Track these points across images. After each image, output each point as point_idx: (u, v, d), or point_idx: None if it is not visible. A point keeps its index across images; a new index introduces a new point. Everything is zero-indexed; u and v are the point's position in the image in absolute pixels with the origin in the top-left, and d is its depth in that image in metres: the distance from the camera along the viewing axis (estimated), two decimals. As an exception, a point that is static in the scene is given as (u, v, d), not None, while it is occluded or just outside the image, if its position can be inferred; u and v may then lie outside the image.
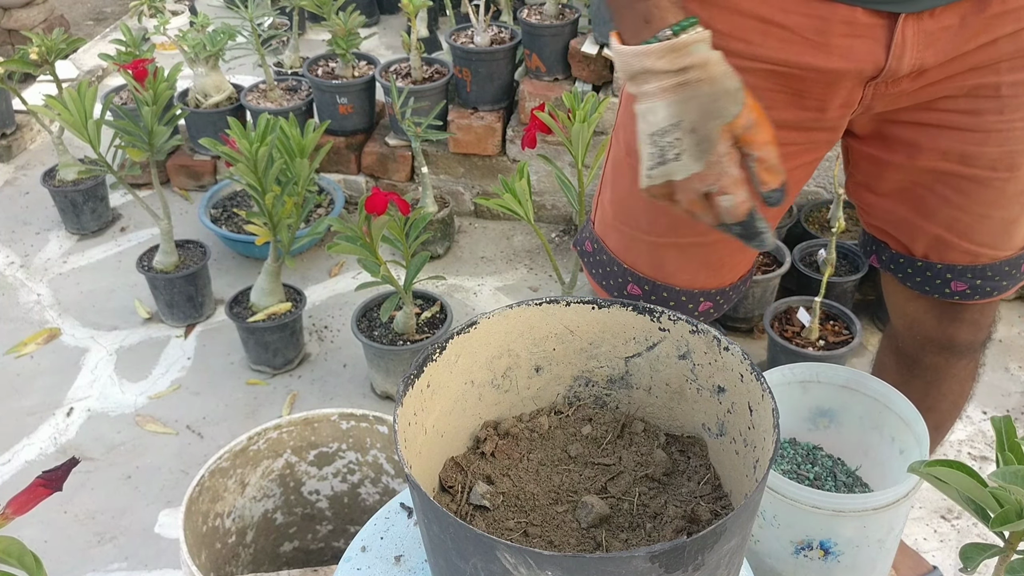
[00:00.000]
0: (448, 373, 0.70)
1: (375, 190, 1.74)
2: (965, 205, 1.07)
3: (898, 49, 0.92)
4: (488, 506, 0.68)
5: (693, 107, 0.82)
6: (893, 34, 0.91)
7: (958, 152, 1.03)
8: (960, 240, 1.11)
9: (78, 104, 1.98)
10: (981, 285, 1.13)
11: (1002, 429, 0.68)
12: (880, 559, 0.99)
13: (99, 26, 4.15)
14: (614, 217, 1.15)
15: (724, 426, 0.71)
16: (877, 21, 0.91)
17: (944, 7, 0.91)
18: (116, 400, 2.08)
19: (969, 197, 1.07)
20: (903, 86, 0.97)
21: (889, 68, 0.93)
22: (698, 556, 0.55)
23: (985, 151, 1.03)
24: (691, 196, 0.85)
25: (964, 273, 1.13)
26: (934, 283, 1.15)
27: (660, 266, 1.11)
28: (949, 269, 1.13)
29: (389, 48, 3.52)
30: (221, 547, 1.29)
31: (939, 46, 0.93)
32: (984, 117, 1.00)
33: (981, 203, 1.07)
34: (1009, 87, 0.98)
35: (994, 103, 0.99)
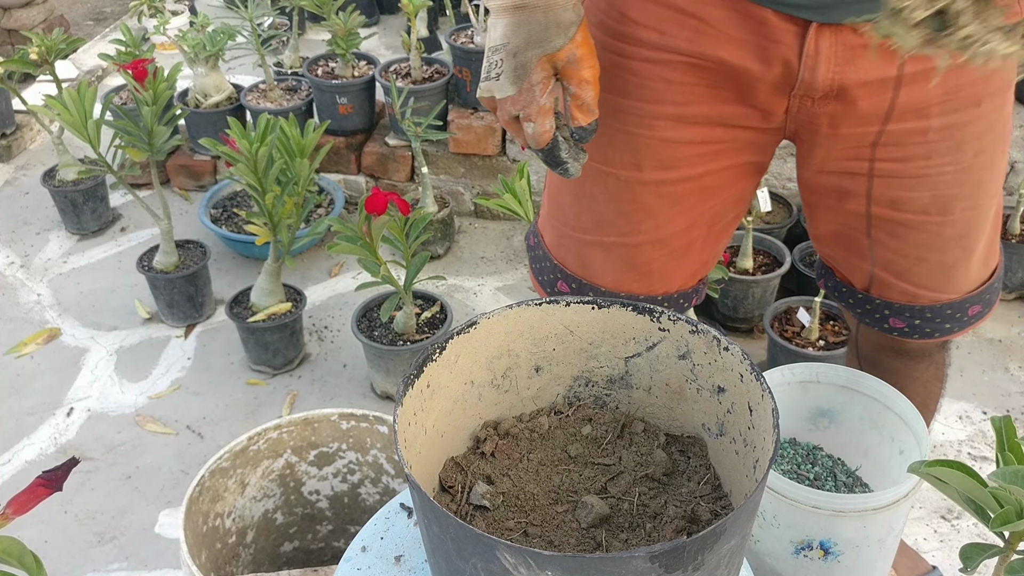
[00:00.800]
0: (448, 373, 0.70)
1: (375, 190, 1.74)
2: (899, 248, 1.05)
3: (810, 60, 0.90)
4: (488, 506, 0.68)
5: (522, 32, 0.86)
6: (804, 42, 0.89)
7: (888, 197, 1.01)
8: (897, 280, 1.09)
9: (78, 104, 1.98)
10: (920, 326, 1.11)
11: (1002, 429, 0.68)
12: (880, 559, 0.99)
13: (99, 26, 4.15)
14: (548, 212, 1.14)
15: (724, 426, 0.71)
16: (788, 27, 0.89)
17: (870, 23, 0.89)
18: (116, 400, 2.08)
19: (903, 240, 1.05)
20: (830, 107, 0.94)
21: (802, 78, 0.91)
22: (698, 556, 0.55)
23: (915, 196, 1.01)
24: (505, 117, 0.89)
25: (902, 312, 1.11)
26: (874, 316, 1.13)
27: (586, 264, 1.10)
28: (887, 306, 1.11)
29: (389, 48, 3.51)
30: (221, 547, 1.29)
31: (862, 65, 0.90)
32: (912, 163, 0.98)
33: (916, 246, 1.05)
34: (937, 132, 0.96)
35: (922, 148, 0.97)
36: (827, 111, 0.95)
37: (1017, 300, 2.32)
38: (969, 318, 1.12)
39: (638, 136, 1.00)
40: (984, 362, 2.13)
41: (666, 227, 1.05)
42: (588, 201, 1.07)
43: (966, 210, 1.03)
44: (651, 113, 0.99)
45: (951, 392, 2.05)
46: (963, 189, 1.01)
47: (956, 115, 0.96)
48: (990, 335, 2.22)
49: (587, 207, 1.06)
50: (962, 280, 1.09)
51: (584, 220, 1.08)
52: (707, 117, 0.98)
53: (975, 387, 2.06)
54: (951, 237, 1.05)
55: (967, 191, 1.01)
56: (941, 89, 0.94)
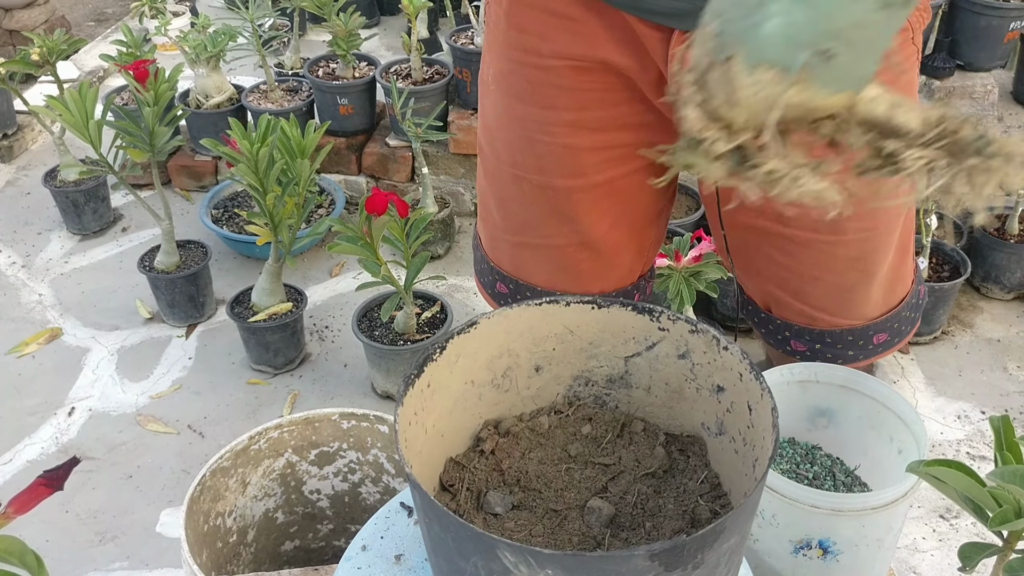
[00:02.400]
0: (448, 373, 0.71)
1: (375, 190, 1.74)
2: (791, 265, 1.03)
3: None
4: (501, 512, 0.69)
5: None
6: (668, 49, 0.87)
7: (773, 211, 0.99)
8: (793, 300, 1.07)
9: (79, 105, 1.98)
10: (821, 350, 1.09)
11: (1000, 429, 0.69)
12: (879, 558, 0.99)
13: (100, 27, 4.15)
14: (480, 217, 1.14)
15: (723, 425, 0.71)
16: (653, 33, 0.87)
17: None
18: (117, 400, 2.09)
19: (794, 257, 1.03)
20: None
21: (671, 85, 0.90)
22: (697, 555, 0.55)
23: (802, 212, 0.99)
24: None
25: (802, 335, 1.09)
26: (776, 338, 1.11)
27: (519, 265, 1.09)
28: (788, 327, 1.09)
29: (389, 49, 3.52)
30: (222, 546, 1.29)
31: None
32: None
33: (807, 264, 1.03)
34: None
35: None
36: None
37: (1016, 300, 2.32)
38: (874, 347, 1.09)
39: (539, 142, 0.98)
40: (983, 362, 2.14)
41: (587, 231, 1.03)
42: (511, 204, 1.06)
43: (860, 231, 1.00)
44: (549, 119, 0.97)
45: (950, 392, 2.05)
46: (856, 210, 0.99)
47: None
48: (989, 335, 2.22)
49: (511, 210, 1.06)
50: (862, 305, 1.07)
51: (511, 223, 1.07)
52: (605, 121, 0.95)
53: (973, 387, 2.06)
54: (845, 258, 1.02)
55: (859, 213, 0.97)
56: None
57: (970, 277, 2.29)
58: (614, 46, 0.89)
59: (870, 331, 1.08)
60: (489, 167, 1.07)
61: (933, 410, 2.00)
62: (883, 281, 1.06)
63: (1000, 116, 2.30)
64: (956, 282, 2.13)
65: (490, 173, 1.08)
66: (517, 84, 0.97)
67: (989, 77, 2.30)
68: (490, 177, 1.08)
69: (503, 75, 0.96)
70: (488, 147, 1.06)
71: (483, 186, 1.10)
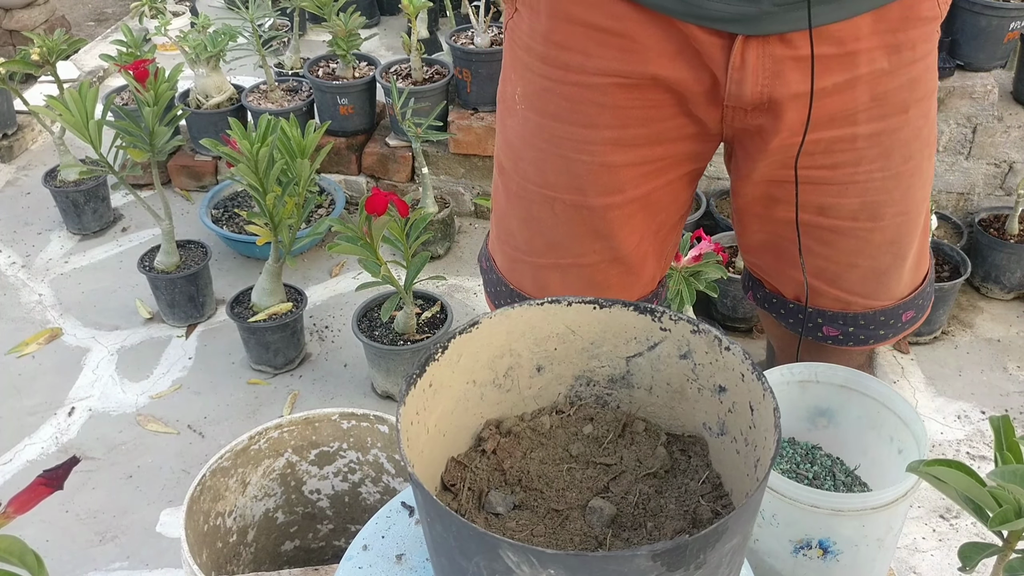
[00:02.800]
0: (450, 372, 0.71)
1: (375, 190, 1.74)
2: (830, 255, 1.04)
3: (736, 73, 0.87)
4: (503, 512, 0.69)
5: None
6: (730, 55, 0.87)
7: (816, 204, 1.00)
8: (829, 288, 1.07)
9: (79, 105, 1.98)
10: (854, 333, 1.10)
11: (1000, 429, 0.69)
12: (879, 558, 0.99)
13: (100, 27, 4.15)
14: (496, 237, 1.11)
15: (725, 425, 0.71)
16: (714, 40, 0.86)
17: (800, 34, 0.85)
18: (117, 400, 2.09)
19: (832, 247, 1.04)
20: (760, 119, 0.92)
21: (729, 91, 0.89)
22: (700, 555, 0.55)
23: (843, 202, 0.99)
24: None
25: (835, 319, 1.10)
26: (807, 326, 1.12)
27: (544, 287, 1.07)
28: (820, 314, 1.10)
29: (389, 49, 3.52)
30: (222, 546, 1.29)
31: (792, 77, 0.88)
32: (841, 170, 0.97)
33: (846, 252, 1.04)
34: (865, 139, 0.95)
35: (850, 155, 0.96)
36: (757, 123, 0.93)
37: (1016, 300, 2.32)
38: (903, 324, 1.11)
39: (577, 161, 0.97)
40: (983, 362, 2.14)
41: (620, 247, 1.03)
42: (538, 225, 1.04)
43: (896, 216, 1.02)
44: (588, 138, 0.95)
45: (950, 392, 2.05)
46: (892, 195, 1.00)
47: (884, 122, 0.94)
48: (989, 335, 2.22)
49: (537, 231, 1.04)
50: (895, 286, 1.08)
51: (536, 244, 1.05)
52: (646, 137, 0.95)
53: (973, 387, 2.07)
54: (882, 243, 1.03)
55: (896, 197, 1.00)
56: (868, 95, 0.92)
57: (970, 277, 2.29)
58: (666, 59, 0.88)
59: (900, 309, 1.10)
60: (513, 188, 1.04)
61: (933, 410, 2.00)
62: (912, 261, 1.08)
63: (1000, 116, 2.30)
64: (956, 282, 2.13)
65: (513, 195, 1.05)
66: (553, 103, 0.95)
67: (989, 77, 2.30)
68: (514, 199, 1.05)
69: (535, 94, 0.94)
70: (512, 168, 1.03)
71: (503, 208, 1.07)
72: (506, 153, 1.04)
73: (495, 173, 1.08)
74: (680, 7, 0.84)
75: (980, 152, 2.35)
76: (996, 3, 2.23)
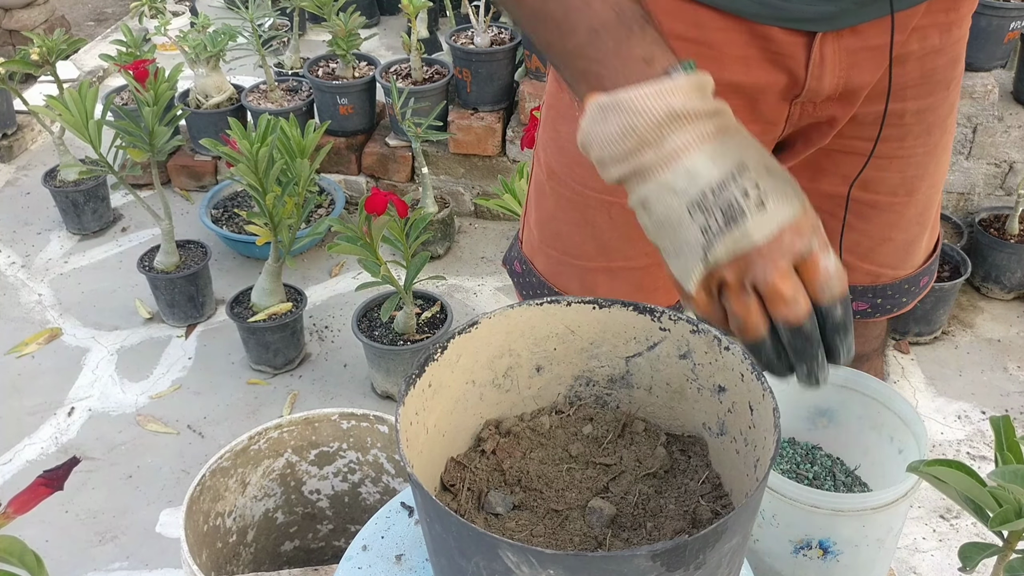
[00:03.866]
0: (450, 373, 0.71)
1: (375, 190, 1.74)
2: (867, 229, 1.06)
3: (816, 69, 0.89)
4: (502, 512, 0.69)
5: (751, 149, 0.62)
6: (811, 53, 0.88)
7: (861, 178, 1.01)
8: (862, 263, 1.09)
9: (79, 104, 1.98)
10: (881, 304, 1.13)
11: (1000, 429, 0.68)
12: (879, 558, 0.99)
13: (100, 27, 4.15)
14: (541, 240, 1.11)
15: (725, 425, 0.71)
16: (794, 39, 0.88)
17: (869, 24, 0.87)
18: (117, 400, 2.09)
19: (870, 222, 1.06)
20: (832, 109, 0.94)
21: (809, 87, 0.91)
22: (699, 555, 0.55)
23: (886, 176, 1.02)
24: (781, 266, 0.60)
25: (865, 293, 1.12)
26: None
27: (591, 291, 1.07)
28: (851, 290, 1.11)
29: (389, 49, 3.52)
30: (222, 546, 1.29)
31: (865, 67, 0.91)
32: (887, 144, 0.98)
33: (882, 226, 1.06)
34: (913, 115, 0.97)
35: (897, 131, 0.98)
36: (828, 113, 0.95)
37: (1016, 300, 2.32)
38: (920, 288, 1.15)
39: None
40: (983, 362, 2.14)
41: None
42: (591, 229, 1.04)
43: (928, 189, 1.05)
44: None
45: (950, 392, 2.05)
46: (928, 170, 1.03)
47: (930, 98, 0.97)
48: (989, 335, 2.22)
49: (590, 235, 1.04)
50: (917, 254, 1.12)
51: (587, 248, 1.05)
52: None
53: (974, 387, 2.06)
54: (914, 216, 1.07)
55: (931, 171, 1.04)
56: (918, 72, 0.94)
57: (970, 277, 2.29)
58: (743, 64, 0.89)
59: (920, 276, 1.13)
60: (565, 193, 1.04)
61: (933, 410, 2.00)
62: (931, 229, 1.12)
63: (1000, 116, 2.30)
64: (956, 282, 2.13)
65: (565, 199, 1.05)
66: None
67: (989, 77, 2.30)
68: (565, 203, 1.05)
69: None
70: (567, 173, 1.03)
71: (550, 213, 1.07)
72: (559, 159, 1.04)
73: (541, 178, 1.08)
74: (763, 10, 0.86)
75: (980, 152, 2.35)
76: (996, 3, 2.23)
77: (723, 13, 0.88)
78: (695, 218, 0.60)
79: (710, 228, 0.60)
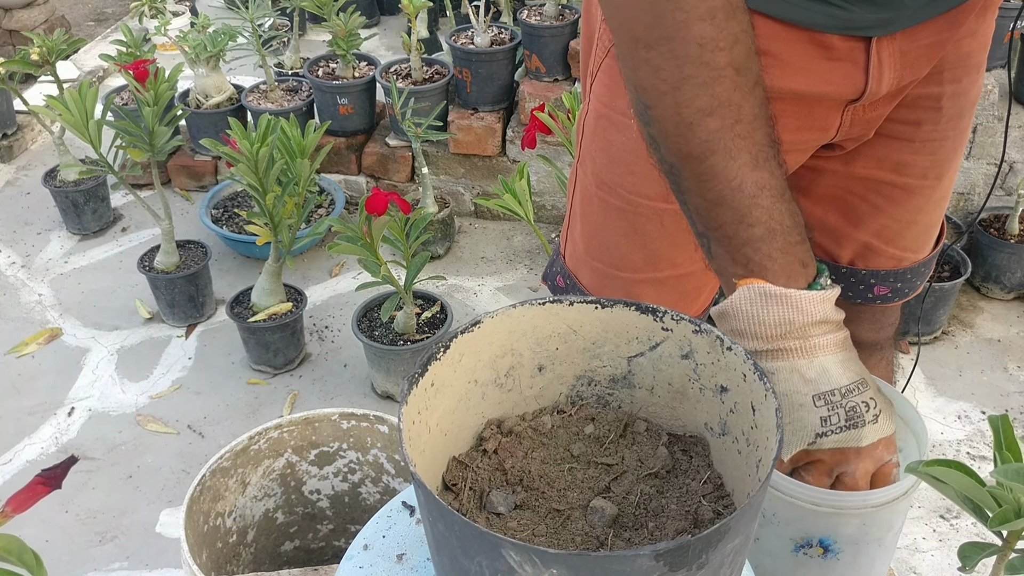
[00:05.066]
0: (452, 372, 0.71)
1: (375, 190, 1.74)
2: (895, 213, 1.07)
3: (876, 71, 0.90)
4: (504, 512, 0.69)
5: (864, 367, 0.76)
6: (869, 57, 0.89)
7: (893, 160, 1.03)
8: (887, 247, 1.10)
9: (79, 104, 1.98)
10: (901, 288, 1.14)
11: (1000, 428, 0.69)
12: (880, 557, 0.99)
13: (100, 27, 4.15)
14: (586, 253, 1.10)
15: (727, 426, 0.71)
16: (853, 45, 0.89)
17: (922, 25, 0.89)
18: (117, 400, 2.09)
19: (900, 205, 1.06)
20: (882, 108, 0.96)
21: (870, 90, 0.91)
22: (702, 555, 0.55)
23: (918, 160, 1.02)
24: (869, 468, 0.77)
25: (887, 278, 1.13)
26: (858, 288, 1.14)
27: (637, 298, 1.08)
28: (873, 275, 1.13)
29: (389, 49, 3.52)
30: (222, 546, 1.29)
31: (918, 65, 0.92)
32: (922, 128, 1.00)
33: (910, 210, 1.07)
34: (949, 98, 0.98)
35: (933, 114, 0.99)
36: (878, 112, 0.96)
37: (1016, 300, 2.33)
38: (929, 270, 1.16)
39: None
40: (983, 362, 2.14)
41: None
42: (640, 239, 1.04)
43: (953, 172, 1.07)
44: None
45: (950, 392, 2.05)
46: (955, 154, 1.04)
47: (963, 82, 0.98)
48: (989, 335, 2.22)
49: (639, 245, 1.04)
50: (934, 237, 1.14)
51: (635, 258, 1.05)
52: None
53: (974, 387, 2.07)
54: (938, 199, 1.08)
55: (957, 155, 1.05)
56: (955, 55, 0.95)
57: (970, 277, 2.30)
58: (804, 73, 0.90)
59: (932, 259, 1.15)
60: (615, 203, 1.04)
61: (933, 410, 2.00)
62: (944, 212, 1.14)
63: (1000, 116, 2.30)
64: (956, 282, 2.13)
65: (615, 209, 1.05)
66: None
67: (989, 77, 2.30)
68: (614, 213, 1.05)
69: None
70: (618, 183, 1.03)
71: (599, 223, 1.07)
72: (611, 169, 1.04)
73: (589, 189, 1.07)
74: (828, 20, 0.86)
75: (980, 152, 2.35)
76: (996, 3, 2.23)
77: (785, 23, 0.88)
78: (818, 407, 0.72)
79: (830, 421, 0.72)
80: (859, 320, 1.19)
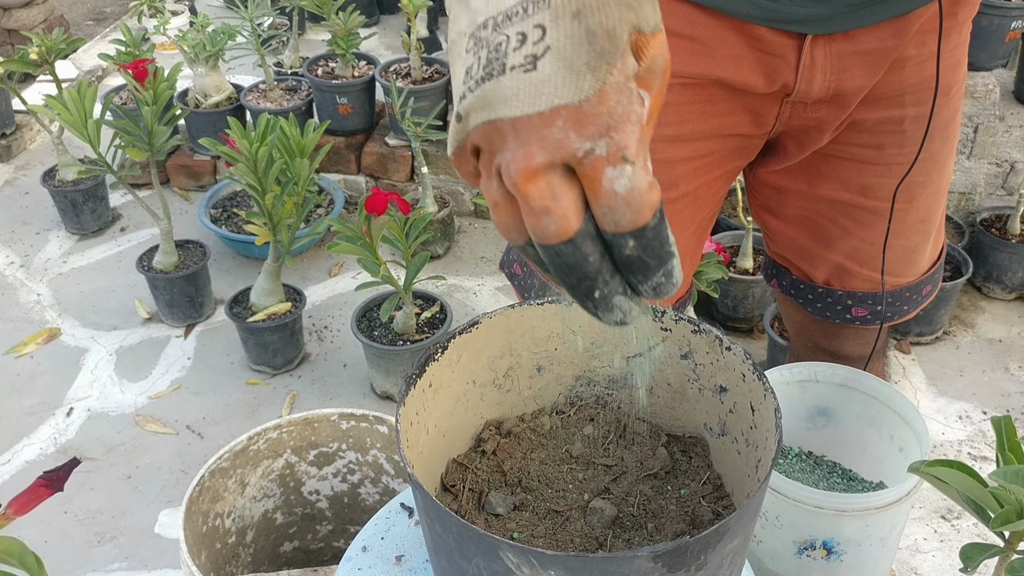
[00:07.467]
0: (450, 373, 0.70)
1: (375, 190, 1.74)
2: (866, 235, 1.06)
3: (806, 71, 0.90)
4: (503, 513, 0.68)
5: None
6: (801, 54, 0.89)
7: (858, 183, 1.02)
8: (862, 268, 1.10)
9: (78, 104, 1.98)
10: (881, 311, 1.13)
11: (1002, 429, 0.68)
12: (882, 558, 0.99)
13: (99, 26, 4.15)
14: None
15: (726, 426, 0.71)
16: (784, 40, 0.88)
17: (863, 29, 0.88)
18: (116, 400, 2.08)
19: (869, 228, 1.05)
20: (822, 112, 0.95)
21: (799, 89, 0.91)
22: (700, 556, 0.55)
23: (884, 182, 1.02)
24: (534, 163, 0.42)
25: (865, 300, 1.12)
26: (835, 309, 1.14)
27: None
28: (850, 296, 1.12)
29: (389, 48, 3.52)
30: (221, 547, 1.29)
31: (857, 71, 0.91)
32: (886, 151, 0.99)
33: (881, 233, 1.06)
34: (912, 121, 0.97)
35: (896, 137, 0.98)
36: (818, 115, 0.95)
37: (1017, 300, 2.32)
38: (923, 297, 1.15)
39: None
40: (984, 362, 2.13)
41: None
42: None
43: (930, 196, 1.05)
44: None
45: (951, 392, 2.05)
46: (930, 176, 1.03)
47: (928, 105, 0.97)
48: (990, 335, 2.22)
49: None
50: (920, 262, 1.12)
51: None
52: (701, 132, 0.97)
53: (975, 387, 2.06)
54: (915, 222, 1.06)
55: (933, 178, 1.03)
56: (916, 77, 0.94)
57: (971, 277, 2.29)
58: (733, 62, 0.90)
59: (922, 284, 1.13)
60: None
61: (934, 410, 2.00)
62: (935, 237, 1.12)
63: (1001, 116, 2.29)
64: (958, 282, 2.13)
65: None
66: None
67: (990, 76, 2.30)
68: None
69: None
70: None
71: None
72: None
73: None
74: (755, 11, 0.87)
75: (982, 152, 2.35)
76: (997, 2, 2.23)
77: (715, 12, 0.88)
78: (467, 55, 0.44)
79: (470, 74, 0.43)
80: (842, 336, 1.19)
